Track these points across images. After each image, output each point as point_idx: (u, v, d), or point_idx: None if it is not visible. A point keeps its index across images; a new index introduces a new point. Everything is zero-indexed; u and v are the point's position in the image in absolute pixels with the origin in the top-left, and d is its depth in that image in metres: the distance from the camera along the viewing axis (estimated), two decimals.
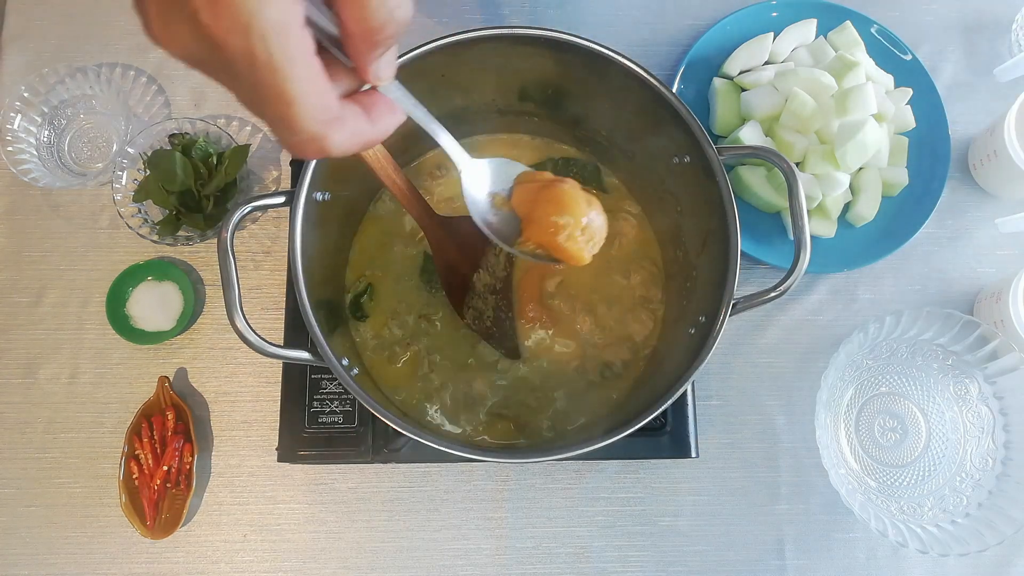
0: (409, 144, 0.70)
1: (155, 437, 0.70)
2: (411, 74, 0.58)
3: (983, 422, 0.72)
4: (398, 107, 0.38)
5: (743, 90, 0.77)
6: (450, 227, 0.61)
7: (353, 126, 0.35)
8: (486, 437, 0.66)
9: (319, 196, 0.58)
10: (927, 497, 0.71)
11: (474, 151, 0.71)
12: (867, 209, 0.74)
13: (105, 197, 0.77)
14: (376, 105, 0.37)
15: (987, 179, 0.78)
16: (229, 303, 0.51)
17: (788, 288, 0.55)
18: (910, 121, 0.77)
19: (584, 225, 0.52)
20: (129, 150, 0.74)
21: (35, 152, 0.77)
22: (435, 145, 0.48)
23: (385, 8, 0.33)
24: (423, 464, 0.71)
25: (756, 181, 0.74)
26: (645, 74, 0.59)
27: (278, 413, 0.67)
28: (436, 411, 0.67)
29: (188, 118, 0.77)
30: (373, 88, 0.37)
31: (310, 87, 0.32)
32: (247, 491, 0.71)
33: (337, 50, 0.35)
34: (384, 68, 0.36)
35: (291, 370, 0.68)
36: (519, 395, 0.67)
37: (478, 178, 0.53)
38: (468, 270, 0.65)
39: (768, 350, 0.75)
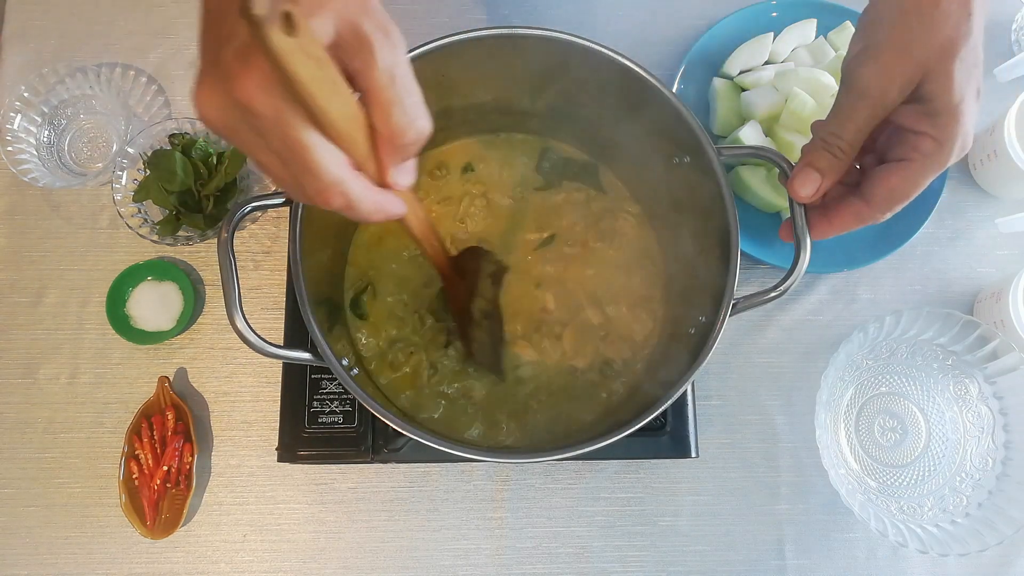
0: None
1: (155, 437, 0.70)
2: None
3: (983, 422, 0.72)
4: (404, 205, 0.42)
5: (743, 90, 0.77)
6: (458, 266, 0.62)
7: (370, 187, 0.39)
8: (486, 437, 0.66)
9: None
10: (927, 497, 0.71)
11: (474, 151, 0.73)
12: None
13: (105, 197, 0.77)
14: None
15: (987, 179, 0.78)
16: (229, 303, 0.51)
17: (788, 288, 0.55)
18: None
19: None
20: (129, 150, 0.74)
21: (35, 152, 0.77)
22: (437, 145, 0.48)
23: (407, 116, 0.37)
24: (423, 464, 0.71)
25: (756, 181, 0.74)
26: (645, 74, 0.59)
27: (278, 413, 0.67)
28: (438, 411, 0.66)
29: (188, 118, 0.77)
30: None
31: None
32: (247, 491, 0.71)
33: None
34: (403, 175, 0.40)
35: (291, 370, 0.68)
36: (519, 395, 0.67)
37: None
38: (469, 302, 0.65)
39: (768, 350, 0.75)
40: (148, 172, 0.74)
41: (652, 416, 0.53)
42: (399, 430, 0.53)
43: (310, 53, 0.32)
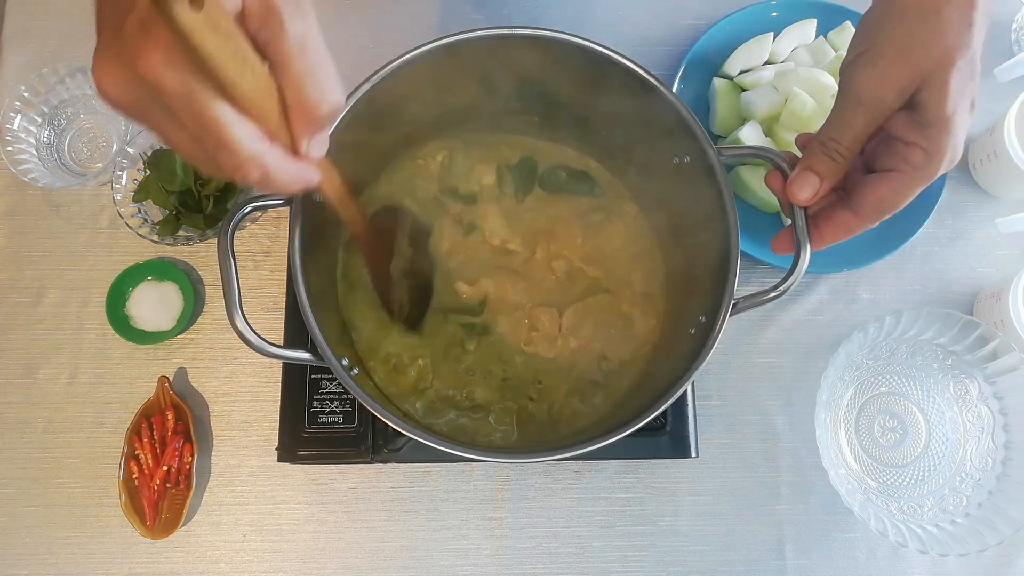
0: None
1: (155, 437, 0.70)
2: (411, 74, 0.59)
3: (983, 422, 0.72)
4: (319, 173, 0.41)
5: (743, 90, 0.77)
6: (374, 226, 0.61)
7: (286, 158, 0.37)
8: (487, 438, 0.66)
9: (319, 197, 0.58)
10: (927, 497, 0.71)
11: (473, 150, 0.72)
12: None
13: (105, 197, 0.77)
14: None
15: (987, 179, 0.78)
16: (229, 303, 0.51)
17: (788, 288, 0.55)
18: None
19: None
20: (129, 150, 0.74)
21: (35, 152, 0.77)
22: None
23: (320, 89, 0.35)
24: (423, 464, 0.71)
25: (756, 181, 0.74)
26: (645, 74, 0.59)
27: (278, 413, 0.67)
28: (442, 416, 0.66)
29: None
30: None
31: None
32: (247, 491, 0.71)
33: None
34: (317, 147, 0.38)
35: (291, 370, 0.68)
36: (520, 397, 0.67)
37: None
38: (387, 263, 0.64)
39: (768, 350, 0.75)
40: (148, 172, 0.74)
41: (652, 416, 0.53)
42: (399, 430, 0.53)
43: (217, 26, 0.31)
